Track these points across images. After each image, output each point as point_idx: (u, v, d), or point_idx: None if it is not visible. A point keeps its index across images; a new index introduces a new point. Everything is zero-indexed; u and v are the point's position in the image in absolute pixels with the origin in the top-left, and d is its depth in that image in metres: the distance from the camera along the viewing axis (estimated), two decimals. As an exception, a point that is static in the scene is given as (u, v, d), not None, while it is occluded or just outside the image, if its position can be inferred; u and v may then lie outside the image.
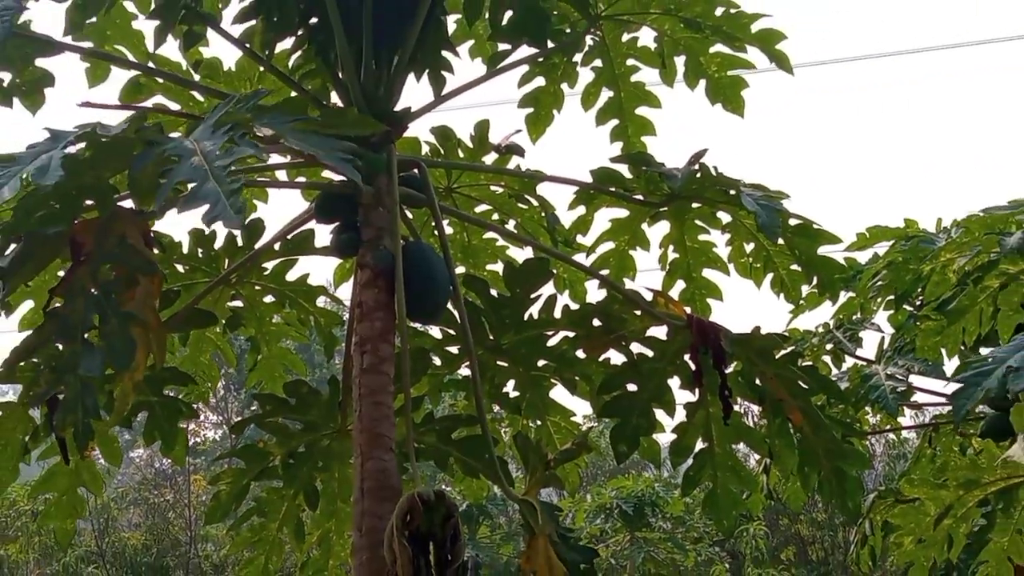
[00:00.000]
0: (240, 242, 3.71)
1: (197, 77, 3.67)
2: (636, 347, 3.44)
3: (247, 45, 3.48)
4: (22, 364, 2.88)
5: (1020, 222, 3.93)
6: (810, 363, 3.61)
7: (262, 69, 3.52)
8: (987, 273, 4.00)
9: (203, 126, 2.57)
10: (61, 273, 2.80)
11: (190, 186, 2.42)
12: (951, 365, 5.28)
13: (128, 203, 2.87)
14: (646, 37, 3.72)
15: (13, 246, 2.73)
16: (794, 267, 3.65)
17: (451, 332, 3.53)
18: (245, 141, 2.57)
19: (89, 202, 2.81)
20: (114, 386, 2.80)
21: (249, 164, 3.50)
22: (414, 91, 3.40)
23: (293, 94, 3.47)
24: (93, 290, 2.68)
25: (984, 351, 4.56)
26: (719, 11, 3.59)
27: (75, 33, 3.26)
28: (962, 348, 4.52)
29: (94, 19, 3.35)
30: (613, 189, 3.60)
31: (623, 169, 3.55)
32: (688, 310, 3.50)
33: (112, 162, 2.72)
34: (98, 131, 2.68)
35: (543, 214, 3.84)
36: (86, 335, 2.68)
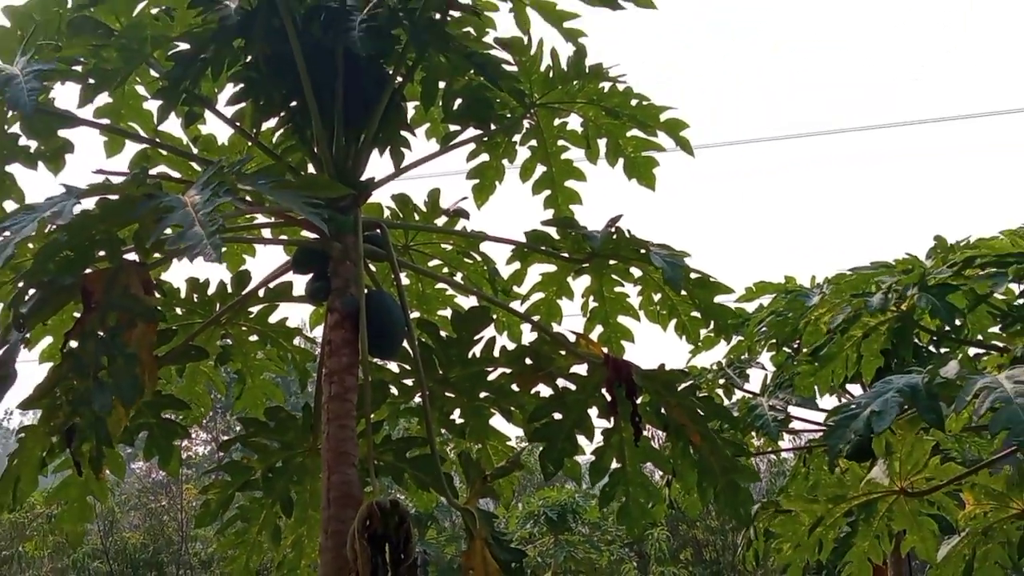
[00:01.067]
0: (230, 289, 3.70)
1: (196, 150, 3.63)
2: (561, 382, 3.42)
3: (238, 124, 3.45)
4: (43, 394, 2.81)
5: (880, 282, 3.94)
6: (706, 394, 3.60)
7: (250, 144, 3.49)
8: (851, 325, 4.01)
9: (195, 185, 2.57)
10: (76, 314, 2.77)
11: (180, 231, 2.42)
12: (822, 400, 5.32)
13: (132, 255, 2.81)
14: (574, 122, 3.72)
15: (32, 291, 2.69)
16: (694, 314, 3.65)
17: (407, 367, 3.51)
18: (227, 194, 2.55)
19: (100, 252, 2.77)
20: (114, 413, 2.74)
21: (239, 224, 3.49)
22: (377, 164, 3.40)
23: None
24: (101, 333, 2.65)
25: (852, 389, 4.55)
26: (634, 102, 3.60)
27: (87, 104, 3.19)
28: (833, 385, 4.52)
29: (110, 99, 3.32)
30: (544, 248, 3.60)
31: (552, 231, 3.55)
32: (605, 350, 3.48)
33: (119, 217, 2.68)
34: (106, 187, 2.67)
35: (485, 268, 3.84)
36: (99, 373, 2.65)
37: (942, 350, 4.09)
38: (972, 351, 4.13)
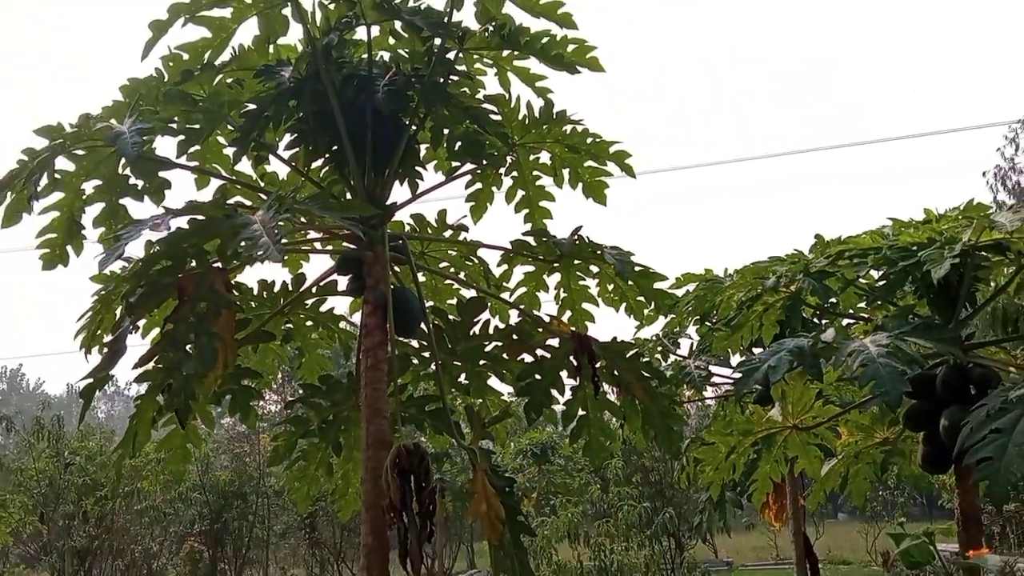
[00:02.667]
0: (290, 287, 3.67)
1: (262, 184, 3.61)
2: (540, 351, 3.42)
3: (293, 164, 3.44)
4: (149, 368, 2.80)
5: (775, 270, 3.93)
6: (647, 359, 3.59)
7: (303, 179, 3.46)
8: (754, 302, 4.01)
9: (263, 208, 2.58)
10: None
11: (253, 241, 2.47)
12: (734, 359, 5.33)
13: (216, 263, 2.81)
14: (544, 157, 3.69)
15: (140, 290, 2.68)
16: (639, 298, 3.64)
17: (424, 343, 3.50)
18: (286, 213, 2.59)
19: (192, 262, 2.76)
20: (207, 380, 2.74)
21: (296, 238, 3.48)
22: (398, 192, 3.39)
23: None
24: (192, 319, 2.64)
25: (756, 351, 4.54)
26: (589, 140, 3.59)
27: (182, 155, 3.18)
28: (741, 347, 4.52)
29: (198, 147, 3.31)
30: (525, 252, 3.58)
31: (531, 240, 3.54)
32: (572, 328, 3.47)
33: (205, 233, 2.68)
34: (195, 209, 2.69)
35: (481, 268, 3.83)
36: (188, 347, 2.65)
37: (822, 321, 4.09)
38: (845, 321, 4.14)
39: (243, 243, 2.45)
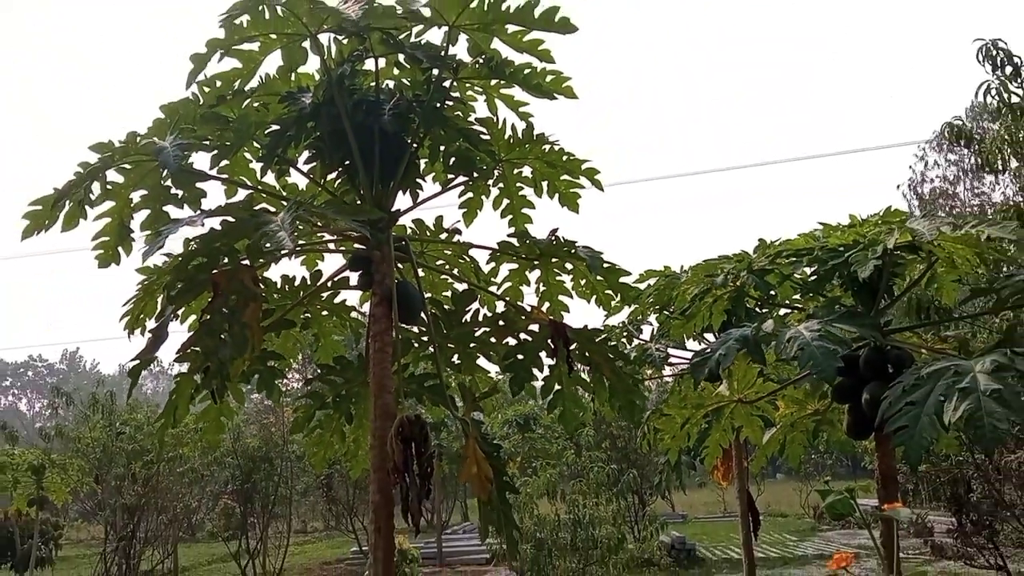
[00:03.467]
0: (308, 282, 3.65)
1: (285, 193, 3.59)
2: (523, 336, 3.41)
3: (311, 176, 3.42)
4: (188, 352, 2.78)
5: (723, 268, 3.94)
6: (614, 343, 3.58)
7: (319, 189, 3.44)
8: (706, 295, 4.01)
9: (283, 212, 2.56)
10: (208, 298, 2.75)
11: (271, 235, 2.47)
12: (689, 343, 5.34)
13: (245, 261, 2.80)
14: (526, 171, 3.68)
15: (179, 284, 2.67)
16: (607, 291, 3.64)
17: (423, 329, 3.49)
18: (303, 214, 2.60)
19: (224, 259, 2.75)
20: (238, 363, 2.73)
21: (313, 240, 3.47)
22: (401, 200, 3.37)
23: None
24: (224, 310, 2.63)
25: (707, 336, 4.55)
26: (564, 157, 3.59)
27: (215, 167, 3.17)
28: (695, 333, 4.52)
29: (228, 162, 3.29)
30: (510, 252, 3.57)
31: (514, 241, 3.53)
32: (550, 317, 3.47)
33: (234, 233, 2.67)
34: (225, 211, 2.68)
35: (473, 266, 3.82)
36: (222, 335, 2.64)
37: (763, 310, 4.09)
38: (782, 311, 4.14)
39: (264, 236, 2.45)
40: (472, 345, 3.52)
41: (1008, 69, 7.41)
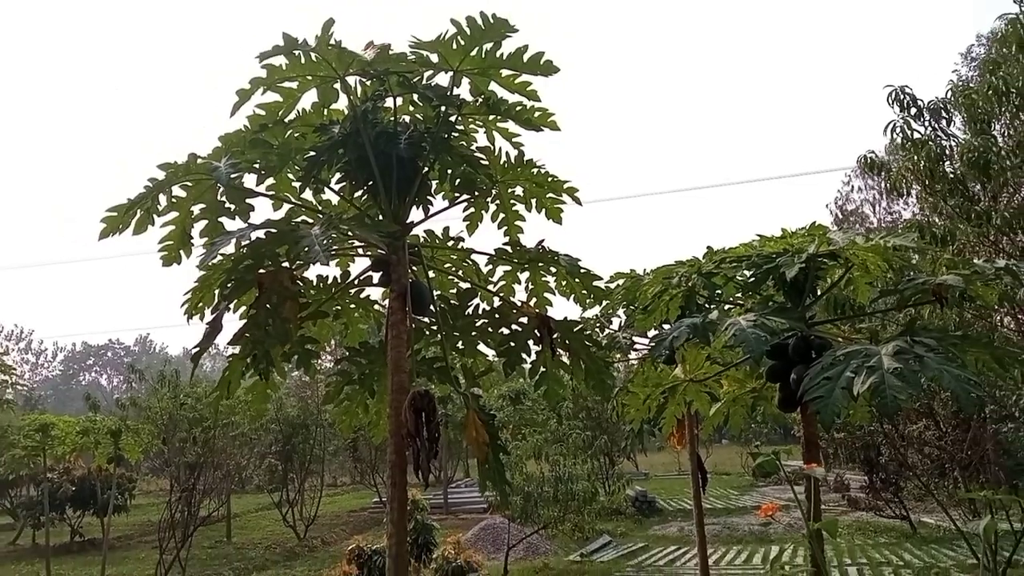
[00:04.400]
0: (339, 280, 3.63)
1: (320, 208, 3.57)
2: (515, 326, 3.40)
3: (342, 194, 3.41)
4: (238, 340, 2.78)
5: (677, 271, 3.95)
6: (589, 332, 3.58)
7: (348, 204, 3.43)
8: (663, 293, 4.01)
9: (317, 225, 2.55)
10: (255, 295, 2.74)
11: (309, 247, 2.46)
12: (651, 333, 5.34)
13: (285, 263, 2.79)
14: (519, 191, 3.67)
15: (231, 282, 2.67)
16: (584, 291, 3.63)
17: (433, 320, 3.48)
18: (334, 229, 2.59)
19: (268, 262, 2.74)
20: (282, 347, 2.73)
21: (344, 247, 3.46)
22: (415, 213, 3.36)
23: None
24: (268, 306, 2.63)
25: (665, 327, 4.55)
26: (550, 179, 3.58)
27: (261, 184, 3.16)
28: (655, 325, 4.53)
29: (273, 180, 3.28)
30: (504, 257, 3.57)
31: (508, 248, 3.53)
32: (537, 311, 3.46)
33: (277, 241, 2.66)
34: (270, 224, 2.66)
35: (474, 268, 3.80)
36: (267, 328, 2.63)
37: (711, 306, 4.10)
38: (726, 306, 4.14)
39: (301, 249, 2.44)
40: (473, 333, 3.51)
41: (912, 110, 7.43)
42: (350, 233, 3.19)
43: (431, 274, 3.57)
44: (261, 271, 2.68)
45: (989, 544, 7.77)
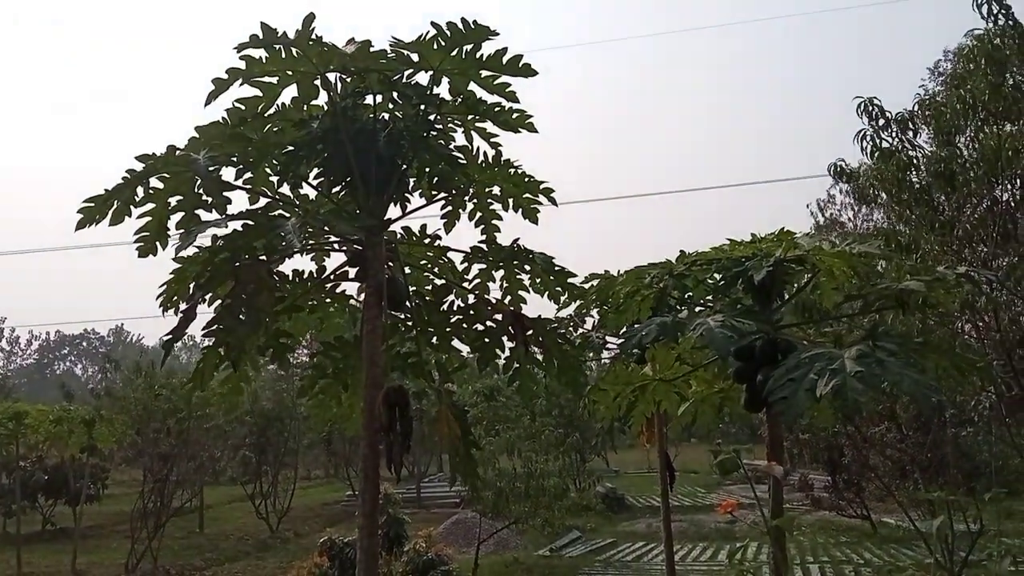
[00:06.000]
0: (315, 275, 3.60)
1: (298, 203, 3.54)
2: (489, 323, 3.41)
3: (320, 189, 3.38)
4: (213, 329, 2.75)
5: (649, 273, 3.95)
6: (563, 331, 3.59)
7: (326, 200, 3.40)
8: (636, 294, 4.02)
9: (294, 217, 2.53)
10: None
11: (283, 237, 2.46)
12: (622, 332, 5.34)
13: (262, 257, 2.77)
14: (496, 190, 3.66)
15: (207, 274, 2.65)
16: (558, 288, 3.64)
17: (408, 315, 3.47)
18: (310, 223, 2.54)
19: (244, 256, 2.72)
20: (253, 339, 2.71)
21: (320, 241, 3.44)
22: (392, 210, 3.34)
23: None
24: (243, 295, 2.61)
25: (636, 326, 4.56)
26: (527, 179, 3.58)
27: (239, 179, 3.13)
28: (627, 325, 4.53)
29: (251, 175, 3.25)
30: (480, 255, 3.57)
31: (484, 246, 3.53)
32: (511, 308, 3.47)
33: (254, 234, 2.64)
34: (247, 215, 2.65)
35: (450, 266, 3.78)
36: (240, 316, 2.61)
37: (681, 307, 4.12)
38: (697, 308, 4.17)
39: (276, 237, 2.42)
40: (447, 329, 3.50)
41: (881, 121, 7.53)
42: (327, 227, 3.18)
43: (407, 270, 3.56)
44: (237, 264, 2.66)
45: (944, 543, 7.90)
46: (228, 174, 3.12)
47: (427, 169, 3.43)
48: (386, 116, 3.36)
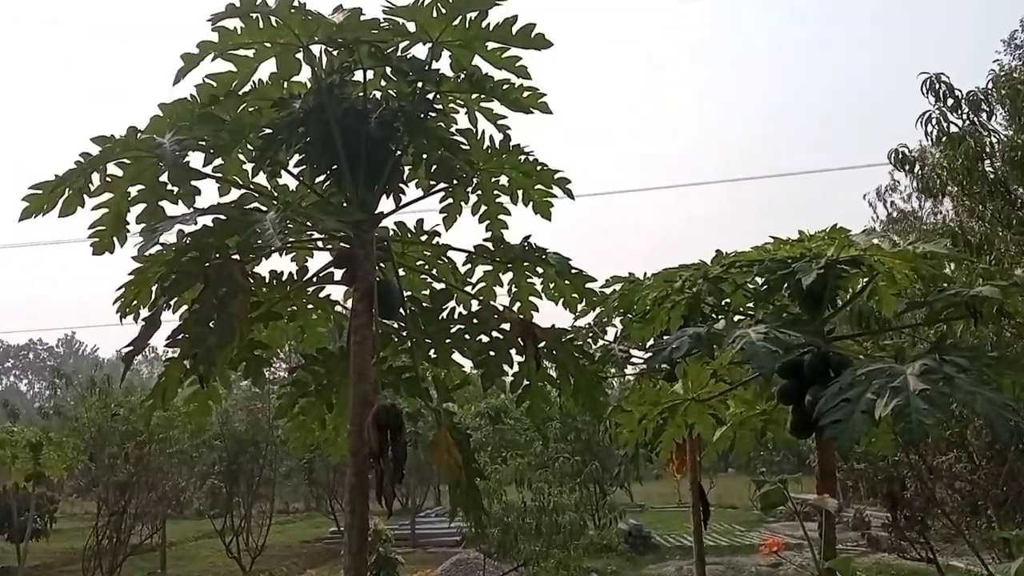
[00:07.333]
0: (295, 277, 3.62)
1: (276, 194, 3.56)
2: (495, 333, 3.41)
3: (301, 178, 3.40)
4: (178, 338, 2.76)
5: (681, 275, 3.96)
6: (580, 343, 3.59)
7: (308, 190, 3.42)
8: (664, 300, 4.02)
9: (273, 211, 2.55)
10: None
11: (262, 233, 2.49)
12: (648, 344, 5.35)
13: (235, 256, 2.79)
14: (503, 179, 3.67)
15: (173, 276, 2.66)
16: (574, 295, 3.64)
17: (402, 324, 3.49)
18: (291, 214, 2.55)
19: (215, 254, 2.74)
20: (225, 350, 2.72)
21: (302, 238, 3.46)
22: (385, 203, 3.36)
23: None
24: (214, 300, 2.62)
25: (665, 337, 4.56)
26: (539, 168, 3.58)
27: (208, 165, 3.15)
28: (654, 336, 4.53)
29: (223, 161, 3.27)
30: (485, 255, 3.57)
31: (489, 245, 3.54)
32: (520, 316, 3.47)
33: (227, 231, 2.66)
34: (218, 209, 2.66)
35: (450, 267, 3.79)
36: (211, 324, 2.63)
37: (718, 316, 4.11)
38: (736, 317, 4.16)
39: (254, 234, 2.44)
40: (447, 341, 3.51)
41: (949, 101, 7.50)
42: (309, 222, 3.19)
43: (401, 272, 3.57)
44: (207, 264, 2.67)
45: (1024, 591, 7.83)
46: (196, 160, 3.14)
47: (425, 155, 3.43)
48: (378, 94, 3.37)
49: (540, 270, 3.61)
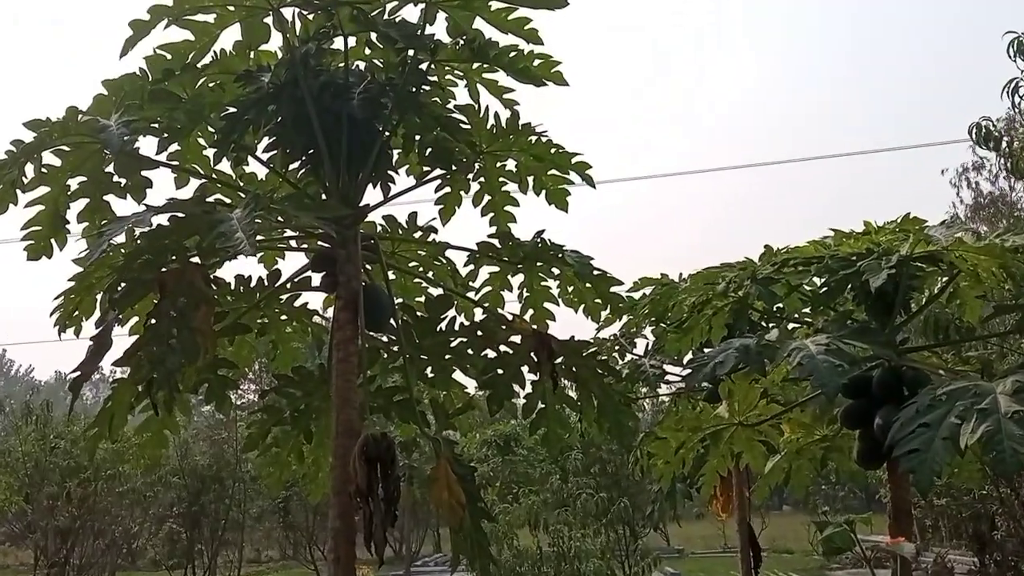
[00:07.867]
0: (266, 283, 3.62)
1: (242, 184, 3.57)
2: (503, 348, 3.41)
3: (271, 165, 3.42)
4: (131, 359, 2.77)
5: (725, 276, 3.95)
6: (604, 358, 3.60)
7: (280, 180, 3.44)
8: (705, 306, 4.02)
9: (240, 206, 2.57)
10: (155, 300, 2.74)
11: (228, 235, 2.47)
12: (686, 359, 5.35)
13: (196, 259, 2.79)
14: (510, 164, 3.68)
15: (123, 284, 2.67)
16: (596, 300, 3.64)
17: (393, 337, 3.49)
18: (262, 211, 2.59)
19: (172, 257, 2.74)
20: (189, 371, 2.73)
21: (272, 236, 3.47)
22: (371, 194, 3.37)
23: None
24: (173, 313, 2.63)
25: (706, 350, 4.56)
26: (552, 150, 3.58)
27: (162, 152, 3.15)
28: (693, 349, 4.53)
29: (179, 147, 3.29)
30: (490, 254, 3.58)
31: (495, 242, 3.54)
32: (534, 327, 3.47)
33: (185, 229, 2.67)
34: (176, 206, 2.66)
35: (449, 268, 3.81)
36: (170, 342, 2.63)
37: (768, 324, 4.11)
38: (790, 325, 4.16)
39: (220, 237, 2.44)
40: (447, 356, 3.50)
41: (1044, 66, 7.47)
42: (282, 218, 3.20)
43: (391, 275, 3.57)
44: (163, 269, 2.68)
45: None
46: (148, 146, 3.15)
47: (418, 137, 3.44)
48: (362, 65, 3.38)
49: (556, 271, 3.61)
